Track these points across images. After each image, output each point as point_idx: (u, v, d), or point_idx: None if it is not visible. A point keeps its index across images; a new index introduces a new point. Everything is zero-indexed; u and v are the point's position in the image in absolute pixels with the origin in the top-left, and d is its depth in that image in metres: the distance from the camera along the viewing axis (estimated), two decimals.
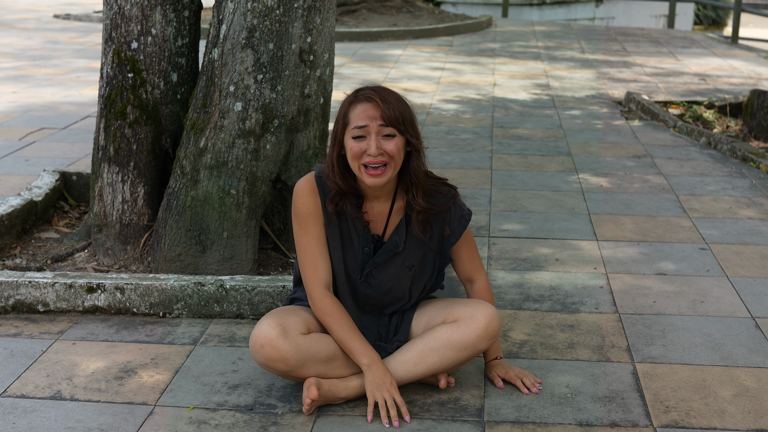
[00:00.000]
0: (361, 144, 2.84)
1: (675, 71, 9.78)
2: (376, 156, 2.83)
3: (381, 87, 2.91)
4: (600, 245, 4.51)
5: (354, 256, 3.01)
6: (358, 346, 2.92)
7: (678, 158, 6.19)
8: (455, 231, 3.05)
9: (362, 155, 2.84)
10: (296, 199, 2.98)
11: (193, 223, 3.85)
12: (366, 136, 2.84)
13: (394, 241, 2.99)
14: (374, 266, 3.00)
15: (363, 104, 2.86)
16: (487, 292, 3.17)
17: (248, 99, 3.81)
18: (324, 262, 2.98)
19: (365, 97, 2.86)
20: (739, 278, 4.12)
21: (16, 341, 3.44)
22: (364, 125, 2.83)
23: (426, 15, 13.44)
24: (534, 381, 3.09)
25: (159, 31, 4.01)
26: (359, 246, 3.00)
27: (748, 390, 3.12)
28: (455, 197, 3.04)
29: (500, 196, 5.31)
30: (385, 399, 2.86)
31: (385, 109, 2.83)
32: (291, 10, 3.79)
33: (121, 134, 4.03)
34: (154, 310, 3.66)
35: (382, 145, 2.84)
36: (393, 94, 2.90)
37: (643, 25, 18.24)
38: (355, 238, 3.00)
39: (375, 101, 2.84)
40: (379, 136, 2.84)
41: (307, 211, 2.97)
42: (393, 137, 2.85)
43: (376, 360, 2.92)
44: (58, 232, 4.46)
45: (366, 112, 2.84)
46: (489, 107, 7.82)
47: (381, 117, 2.83)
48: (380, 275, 3.02)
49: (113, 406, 2.98)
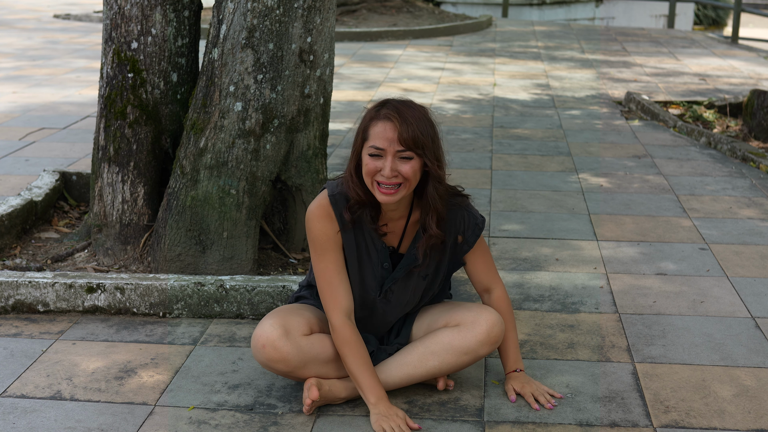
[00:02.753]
0: (376, 162, 2.77)
1: (675, 71, 9.78)
2: (390, 178, 2.77)
3: (405, 103, 2.81)
4: (600, 245, 4.52)
5: (372, 272, 2.96)
6: (368, 383, 2.88)
7: (678, 158, 6.19)
8: (469, 239, 3.01)
9: (376, 173, 2.78)
10: (311, 225, 2.90)
11: (193, 223, 3.85)
12: (382, 156, 2.77)
13: (413, 254, 2.94)
14: (394, 282, 2.97)
15: (383, 123, 2.77)
16: (505, 301, 3.11)
17: (248, 99, 3.81)
18: (344, 287, 2.92)
19: (386, 116, 2.77)
20: (739, 278, 4.12)
21: (16, 341, 3.44)
22: (381, 147, 2.75)
23: (426, 15, 13.44)
24: (548, 399, 3.01)
25: (159, 31, 4.01)
26: (378, 261, 2.95)
27: (748, 390, 3.12)
28: (468, 207, 3.00)
29: (500, 196, 5.31)
30: (392, 428, 2.80)
31: (403, 132, 2.74)
32: (291, 10, 3.79)
33: (121, 134, 4.03)
34: (154, 310, 3.66)
35: (398, 167, 2.76)
36: (416, 112, 2.80)
37: (643, 25, 18.24)
38: (373, 254, 2.94)
39: (394, 123, 2.75)
40: (396, 158, 2.76)
41: (325, 237, 2.89)
42: (410, 159, 2.78)
43: (382, 398, 2.88)
44: (58, 232, 4.46)
45: (385, 132, 2.75)
46: (489, 107, 7.82)
47: (398, 140, 2.74)
48: (399, 290, 2.99)
49: (113, 406, 2.98)
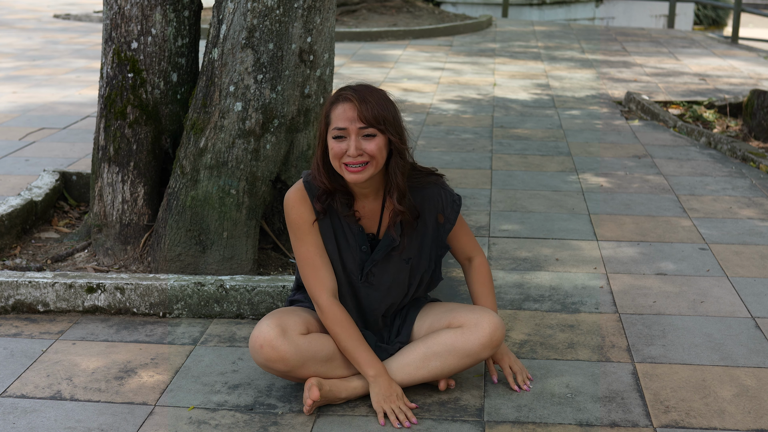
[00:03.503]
0: (341, 144, 2.84)
1: (675, 71, 9.78)
2: (356, 157, 2.83)
3: (364, 86, 2.89)
4: (600, 245, 4.52)
5: (352, 256, 3.00)
6: (365, 357, 2.92)
7: (678, 158, 6.19)
8: (449, 217, 3.05)
9: (343, 155, 2.84)
10: (289, 211, 2.98)
11: (193, 223, 3.85)
12: (346, 137, 2.83)
13: (390, 236, 2.98)
14: (374, 264, 3.00)
15: (343, 105, 2.84)
16: (485, 267, 3.18)
17: (248, 99, 3.81)
18: (327, 269, 2.97)
19: (345, 98, 2.85)
20: (739, 278, 4.12)
21: (16, 341, 3.44)
22: (343, 127, 2.83)
23: (426, 15, 13.44)
24: (525, 378, 3.11)
25: (159, 31, 4.01)
26: (356, 245, 2.99)
27: (748, 390, 3.12)
28: (443, 185, 3.05)
29: (500, 196, 5.31)
30: (393, 410, 2.87)
31: (364, 110, 2.81)
32: (291, 10, 3.79)
33: (121, 134, 4.03)
34: (154, 310, 3.66)
35: (362, 146, 2.83)
36: (375, 93, 2.87)
37: (643, 25, 18.24)
38: (351, 239, 2.99)
39: (353, 102, 2.82)
40: (359, 137, 2.83)
41: (302, 221, 2.96)
42: (374, 137, 2.84)
43: (382, 372, 2.92)
44: (58, 232, 4.46)
45: (345, 113, 2.83)
46: (489, 107, 7.82)
47: (359, 118, 2.81)
48: (380, 272, 3.02)
49: (113, 406, 2.98)
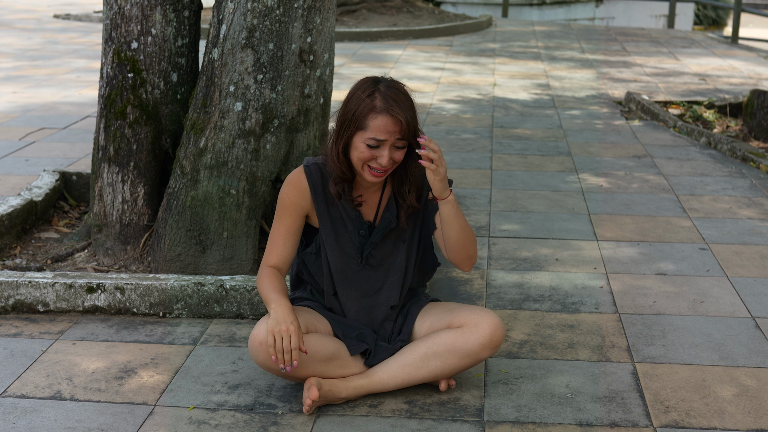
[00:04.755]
0: (373, 151, 2.86)
1: (675, 71, 9.78)
2: (386, 167, 2.88)
3: (397, 91, 2.88)
4: (600, 245, 4.52)
5: (351, 241, 3.04)
6: (273, 296, 2.91)
7: (678, 158, 6.19)
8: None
9: (371, 160, 2.88)
10: (283, 187, 3.04)
11: (193, 223, 3.85)
12: (380, 146, 2.86)
13: (387, 218, 3.03)
14: (372, 246, 3.03)
15: (384, 118, 2.83)
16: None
17: (248, 99, 3.81)
18: (283, 249, 3.03)
19: (386, 111, 2.83)
20: (739, 278, 4.12)
21: (16, 341, 3.44)
22: (383, 139, 2.84)
23: (426, 15, 13.44)
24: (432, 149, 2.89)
25: (159, 31, 4.01)
26: (354, 230, 3.03)
27: (748, 390, 3.12)
28: None
29: (500, 196, 5.31)
30: (282, 337, 2.79)
31: (405, 125, 2.84)
32: (291, 10, 3.79)
33: (121, 134, 4.03)
34: (154, 310, 3.66)
35: (394, 156, 2.87)
36: (407, 99, 2.88)
37: (643, 25, 18.24)
38: (349, 224, 3.03)
39: (396, 117, 2.83)
40: (392, 147, 2.87)
41: (288, 202, 3.02)
42: (403, 148, 2.89)
43: (283, 304, 2.87)
44: (58, 232, 4.46)
45: (387, 127, 2.83)
46: (489, 107, 7.82)
47: (400, 132, 2.84)
48: (379, 254, 3.05)
49: (113, 406, 2.98)
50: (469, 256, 3.03)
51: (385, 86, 2.88)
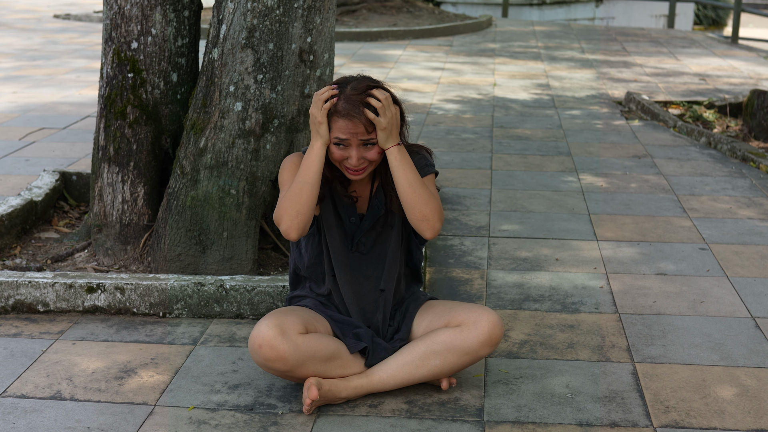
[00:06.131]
0: (342, 151, 2.92)
1: (675, 71, 9.78)
2: (357, 166, 2.92)
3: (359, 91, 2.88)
4: (600, 245, 4.52)
5: (344, 230, 3.08)
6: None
7: (678, 158, 6.19)
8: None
9: (344, 160, 2.93)
10: (283, 164, 3.06)
11: (193, 223, 3.85)
12: (347, 146, 2.90)
13: (375, 205, 3.07)
14: (363, 234, 3.07)
15: (344, 119, 2.88)
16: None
17: (248, 99, 3.81)
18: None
19: (346, 113, 2.87)
20: (739, 278, 4.12)
21: (16, 341, 3.44)
22: (345, 138, 2.89)
23: (426, 15, 13.44)
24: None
25: (159, 31, 4.01)
26: (347, 218, 3.08)
27: (748, 390, 3.12)
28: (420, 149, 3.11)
29: (500, 196, 5.31)
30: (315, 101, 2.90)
31: (365, 125, 2.87)
32: (291, 10, 3.79)
33: (121, 134, 4.03)
34: (154, 310, 3.66)
35: (363, 154, 2.92)
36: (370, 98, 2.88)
37: (643, 25, 18.24)
38: (343, 214, 3.08)
39: (355, 119, 2.86)
40: (360, 146, 2.91)
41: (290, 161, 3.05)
42: (374, 145, 2.92)
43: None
44: (58, 232, 4.46)
45: (348, 128, 2.88)
46: (489, 107, 7.82)
47: (365, 132, 2.88)
48: (369, 241, 3.09)
49: (113, 406, 2.98)
50: (424, 216, 2.94)
51: (351, 87, 2.91)
